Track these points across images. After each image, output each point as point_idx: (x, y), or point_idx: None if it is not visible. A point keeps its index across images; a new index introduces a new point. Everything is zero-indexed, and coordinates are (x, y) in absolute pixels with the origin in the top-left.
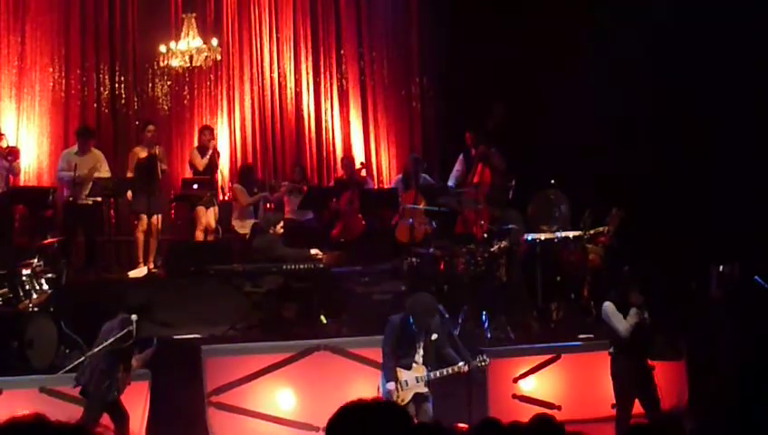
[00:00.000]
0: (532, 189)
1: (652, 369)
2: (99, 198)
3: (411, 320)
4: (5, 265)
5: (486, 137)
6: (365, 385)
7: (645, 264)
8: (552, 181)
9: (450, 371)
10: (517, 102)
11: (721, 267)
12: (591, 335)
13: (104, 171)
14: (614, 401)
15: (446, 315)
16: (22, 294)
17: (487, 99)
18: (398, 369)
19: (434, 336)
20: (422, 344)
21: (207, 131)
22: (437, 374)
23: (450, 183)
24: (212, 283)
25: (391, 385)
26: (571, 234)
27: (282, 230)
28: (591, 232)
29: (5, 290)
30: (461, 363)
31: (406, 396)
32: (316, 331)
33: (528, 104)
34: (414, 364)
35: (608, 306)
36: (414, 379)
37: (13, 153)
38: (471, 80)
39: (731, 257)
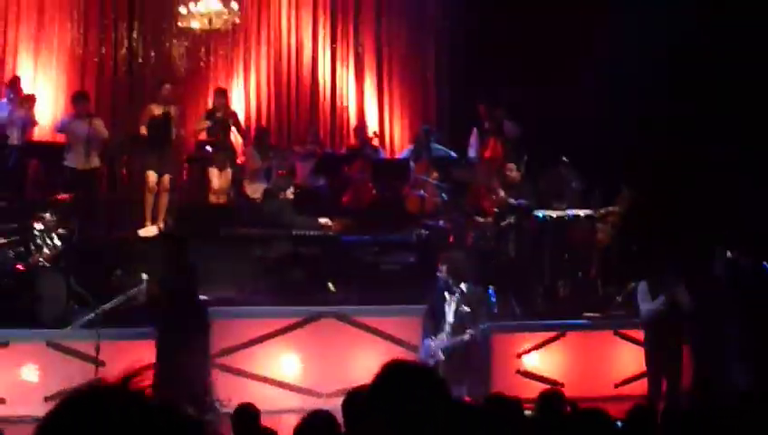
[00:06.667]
0: (545, 166)
1: (680, 352)
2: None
3: (440, 278)
4: (18, 219)
5: (500, 110)
6: (370, 354)
7: (653, 245)
8: (564, 158)
9: (458, 341)
10: (532, 76)
11: (729, 253)
12: (598, 314)
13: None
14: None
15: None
16: (33, 248)
17: (502, 70)
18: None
19: (464, 308)
20: (451, 312)
21: (220, 94)
22: (449, 345)
23: (471, 154)
24: (221, 245)
25: (426, 342)
26: (581, 212)
27: (292, 196)
28: (602, 211)
29: (17, 243)
30: (468, 332)
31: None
32: (323, 298)
33: (543, 78)
34: (441, 332)
35: (642, 285)
36: (435, 345)
37: (29, 100)
38: (487, 51)
39: (741, 244)
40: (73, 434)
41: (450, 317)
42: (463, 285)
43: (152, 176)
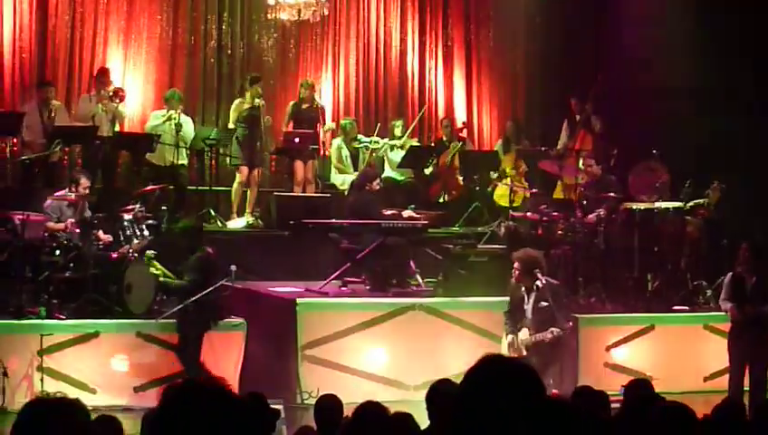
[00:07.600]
0: (635, 158)
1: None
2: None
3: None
4: (108, 210)
5: (590, 104)
6: (458, 346)
7: (743, 238)
8: (654, 151)
9: (542, 337)
10: (620, 70)
11: None
12: (686, 307)
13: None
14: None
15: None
16: (122, 238)
17: (591, 65)
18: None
19: (543, 303)
20: (530, 308)
21: (308, 86)
22: (534, 340)
23: (560, 146)
24: (310, 237)
25: (508, 338)
26: (670, 205)
27: (378, 187)
28: (691, 204)
29: (107, 234)
30: (552, 330)
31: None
32: (411, 290)
33: (632, 72)
34: (523, 328)
35: (727, 277)
36: (519, 342)
37: (119, 94)
38: (575, 46)
39: None
40: (174, 427)
41: (529, 313)
42: (540, 280)
43: (243, 170)
